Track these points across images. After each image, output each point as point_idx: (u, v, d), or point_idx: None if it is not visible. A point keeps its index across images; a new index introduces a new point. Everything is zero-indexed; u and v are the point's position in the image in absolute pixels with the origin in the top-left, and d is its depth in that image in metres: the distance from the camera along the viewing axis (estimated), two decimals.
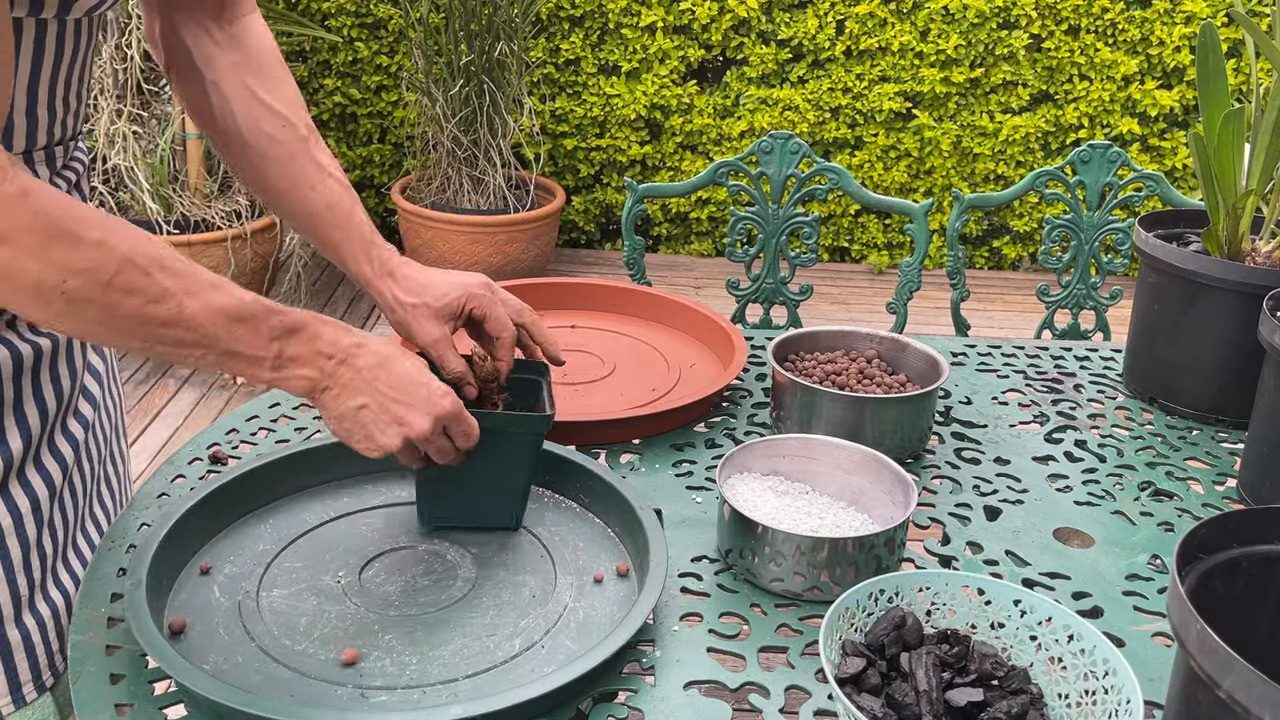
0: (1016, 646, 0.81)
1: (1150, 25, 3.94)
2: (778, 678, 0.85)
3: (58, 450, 0.92)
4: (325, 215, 1.00)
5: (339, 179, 1.00)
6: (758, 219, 1.93)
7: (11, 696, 0.89)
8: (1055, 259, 1.94)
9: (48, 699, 0.91)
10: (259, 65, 0.99)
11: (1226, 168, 1.25)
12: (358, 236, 1.00)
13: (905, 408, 1.16)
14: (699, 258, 4.38)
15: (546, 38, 4.06)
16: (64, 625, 0.92)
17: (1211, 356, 1.30)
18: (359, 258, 1.00)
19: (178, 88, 1.01)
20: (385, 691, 0.80)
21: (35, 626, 0.89)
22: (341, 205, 1.00)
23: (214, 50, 0.97)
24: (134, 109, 3.15)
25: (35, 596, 0.90)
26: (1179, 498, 1.16)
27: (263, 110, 0.98)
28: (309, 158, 0.99)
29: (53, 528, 0.91)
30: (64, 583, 0.93)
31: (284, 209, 1.01)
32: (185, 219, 3.14)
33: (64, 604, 0.92)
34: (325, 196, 0.99)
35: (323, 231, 1.00)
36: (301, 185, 0.99)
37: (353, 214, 1.00)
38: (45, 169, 0.87)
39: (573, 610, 0.90)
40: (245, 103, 0.98)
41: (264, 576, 0.93)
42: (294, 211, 1.00)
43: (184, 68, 0.99)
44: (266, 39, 1.01)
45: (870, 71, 4.05)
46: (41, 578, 0.90)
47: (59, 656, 0.92)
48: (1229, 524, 0.75)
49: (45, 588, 0.91)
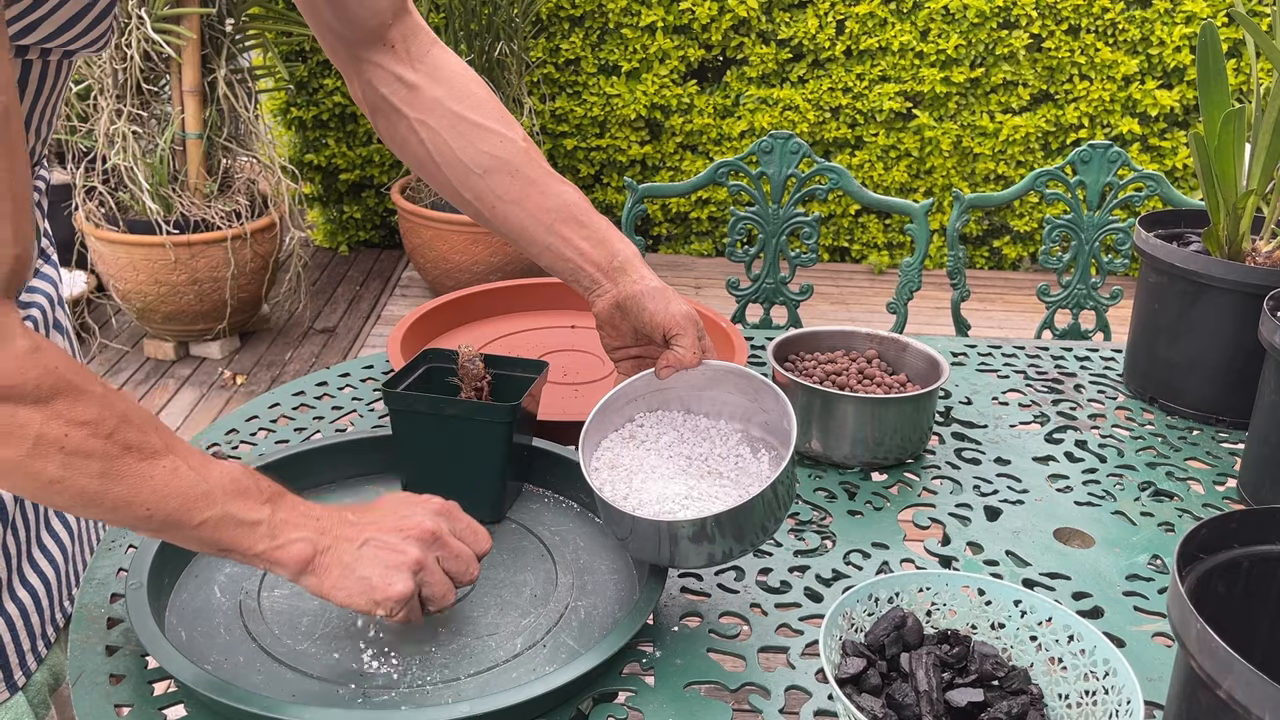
0: (1017, 647, 0.81)
1: (1150, 25, 3.94)
2: (778, 678, 0.85)
3: None
4: (564, 211, 0.97)
5: (570, 184, 0.99)
6: (758, 219, 1.93)
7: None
8: (1055, 259, 1.94)
9: (20, 698, 0.91)
10: (461, 91, 0.99)
11: (1227, 168, 1.25)
12: (599, 228, 0.97)
13: (905, 408, 1.16)
14: (699, 258, 4.38)
15: (546, 38, 4.06)
16: (34, 624, 0.93)
17: (1212, 356, 1.30)
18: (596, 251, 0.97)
19: (385, 135, 1.01)
20: (386, 691, 0.80)
21: (4, 626, 0.90)
22: (581, 203, 0.98)
23: (410, 93, 0.98)
24: (134, 109, 3.15)
25: (2, 596, 0.90)
26: (1179, 498, 1.16)
27: (476, 130, 0.97)
28: (536, 165, 0.98)
29: (15, 528, 0.91)
30: (31, 581, 0.93)
31: (515, 219, 0.98)
32: (185, 219, 3.14)
33: (32, 603, 0.93)
34: (563, 197, 0.98)
35: (560, 230, 0.97)
36: (533, 193, 0.97)
37: (592, 210, 0.98)
38: None
39: (573, 610, 0.90)
40: (457, 128, 0.97)
41: (264, 576, 0.93)
42: (525, 219, 0.98)
43: (387, 115, 0.99)
44: (458, 65, 1.01)
45: (870, 71, 4.06)
46: (7, 578, 0.90)
47: (31, 655, 0.92)
48: (1229, 524, 0.75)
49: (12, 587, 0.91)
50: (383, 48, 0.97)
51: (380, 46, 0.97)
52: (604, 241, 0.97)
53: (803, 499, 1.11)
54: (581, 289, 0.98)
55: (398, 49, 0.98)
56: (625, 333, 0.98)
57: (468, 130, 0.97)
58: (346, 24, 0.95)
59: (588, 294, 0.98)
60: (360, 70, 0.98)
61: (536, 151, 0.99)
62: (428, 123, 0.98)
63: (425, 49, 0.99)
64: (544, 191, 0.97)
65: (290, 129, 4.15)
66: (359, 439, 1.08)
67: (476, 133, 0.97)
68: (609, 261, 0.96)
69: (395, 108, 0.98)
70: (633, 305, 0.95)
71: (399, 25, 0.98)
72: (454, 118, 0.97)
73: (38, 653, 0.93)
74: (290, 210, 3.38)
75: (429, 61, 0.99)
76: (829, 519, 1.08)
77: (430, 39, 1.00)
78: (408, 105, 0.98)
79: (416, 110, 0.98)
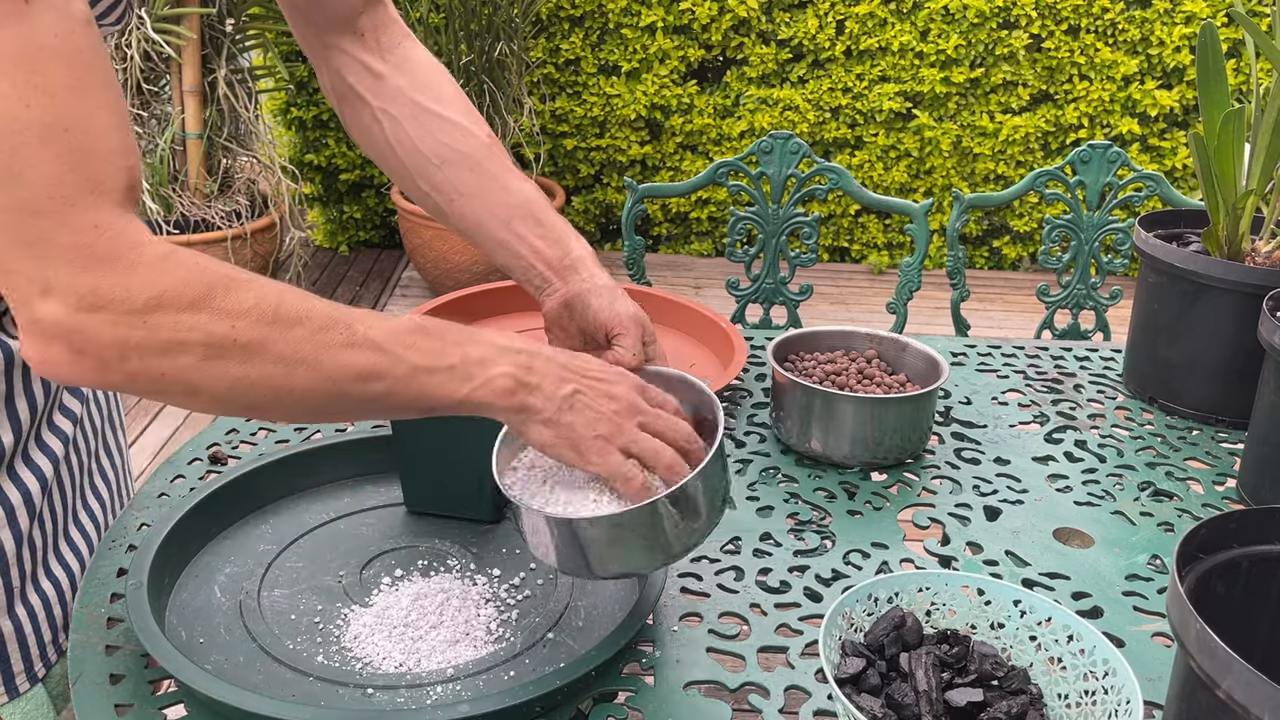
0: (1016, 647, 0.81)
1: (1150, 25, 3.94)
2: (777, 678, 0.85)
3: (46, 444, 0.92)
4: (523, 209, 0.95)
5: (530, 181, 0.98)
6: (758, 219, 1.93)
7: (4, 688, 0.90)
8: (1055, 259, 1.94)
9: (40, 690, 0.92)
10: (425, 82, 0.98)
11: (1226, 168, 1.25)
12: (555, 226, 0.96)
13: (905, 408, 1.16)
14: (699, 258, 4.38)
15: (546, 38, 4.06)
16: (56, 616, 0.93)
17: (1211, 356, 1.30)
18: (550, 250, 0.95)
19: (350, 125, 1.01)
20: (386, 691, 0.81)
21: (27, 618, 0.90)
22: (539, 200, 0.97)
23: (376, 81, 0.97)
24: (134, 109, 3.15)
25: (26, 588, 0.90)
26: (1179, 498, 1.16)
27: (437, 121, 0.97)
28: (496, 161, 0.97)
29: (42, 520, 0.92)
30: (55, 574, 0.94)
31: (471, 214, 0.97)
32: (185, 219, 3.14)
33: (55, 595, 0.93)
34: (523, 194, 0.96)
35: (516, 228, 0.95)
36: (493, 188, 0.96)
37: (550, 209, 0.97)
38: None
39: (573, 610, 0.90)
40: (418, 119, 0.97)
41: (264, 576, 0.93)
42: (482, 214, 0.96)
43: (352, 103, 0.99)
44: (428, 60, 1.00)
45: (870, 71, 4.06)
46: (33, 569, 0.91)
47: (51, 648, 0.93)
48: (1229, 524, 0.75)
49: (36, 579, 0.91)
50: (352, 35, 0.97)
51: (349, 34, 0.97)
52: (559, 240, 0.95)
53: (802, 499, 1.11)
54: (533, 288, 0.96)
55: (367, 38, 0.97)
56: (572, 334, 0.96)
57: (428, 121, 0.97)
58: (317, 8, 0.95)
59: (538, 293, 0.96)
60: (329, 58, 0.98)
61: (500, 148, 0.98)
62: (389, 111, 0.97)
63: (396, 41, 0.99)
64: (504, 187, 0.96)
65: (290, 129, 4.15)
66: (359, 439, 1.08)
67: (437, 123, 0.97)
68: (561, 260, 0.94)
69: (360, 95, 0.98)
70: (579, 303, 0.93)
71: (370, 14, 0.97)
72: (415, 107, 0.97)
73: (58, 645, 0.94)
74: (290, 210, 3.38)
75: (398, 54, 0.99)
76: (829, 519, 1.08)
77: (403, 33, 1.00)
78: (371, 94, 0.97)
79: (379, 99, 0.97)
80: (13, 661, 0.90)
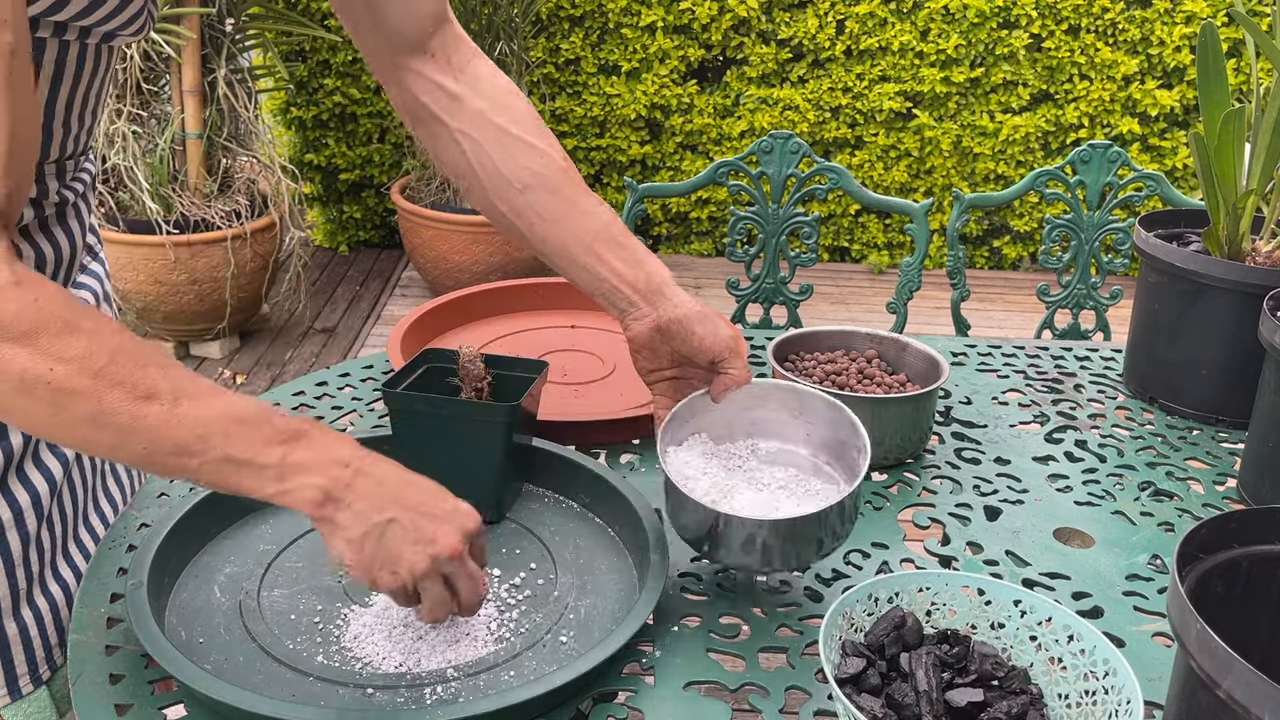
0: (1016, 647, 0.81)
1: (1150, 25, 3.94)
2: (778, 678, 0.85)
3: (56, 448, 0.92)
4: (603, 232, 0.97)
5: (605, 203, 0.99)
6: (758, 219, 1.93)
7: (8, 689, 0.90)
8: (1055, 259, 1.94)
9: (44, 692, 0.92)
10: (503, 104, 0.99)
11: (1226, 168, 1.25)
12: (636, 249, 0.98)
13: (905, 408, 1.16)
14: (699, 258, 4.38)
15: (546, 37, 4.06)
16: (62, 619, 0.93)
17: (1211, 356, 1.30)
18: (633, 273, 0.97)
19: (427, 144, 1.01)
20: (386, 691, 0.81)
21: (33, 620, 0.90)
22: (617, 224, 0.98)
23: (452, 102, 0.98)
24: (134, 109, 3.15)
25: (33, 590, 0.90)
26: (1179, 498, 1.16)
27: (518, 145, 0.98)
28: (575, 185, 0.98)
29: (51, 523, 0.92)
30: (64, 576, 0.94)
31: (555, 238, 0.98)
32: (185, 219, 3.14)
33: (62, 598, 0.93)
34: (601, 217, 0.98)
35: (598, 251, 0.97)
36: (574, 213, 0.97)
37: (628, 231, 0.99)
38: (55, 181, 0.88)
39: (573, 610, 0.90)
40: (500, 142, 0.97)
41: (264, 576, 0.93)
42: (565, 238, 0.98)
43: (428, 124, 0.99)
44: (500, 78, 1.01)
45: (870, 71, 4.06)
46: (40, 571, 0.91)
47: (56, 650, 0.93)
48: (1229, 524, 0.75)
49: (44, 581, 0.92)
50: (423, 56, 0.98)
51: (421, 55, 0.97)
52: (640, 263, 0.97)
53: None
54: (617, 310, 0.98)
55: (438, 58, 0.98)
56: (664, 355, 0.98)
57: (509, 144, 0.97)
58: (389, 32, 0.96)
59: (624, 316, 0.98)
60: (400, 78, 0.99)
61: (574, 169, 1.00)
62: (470, 134, 0.98)
63: (466, 59, 0.99)
64: (584, 211, 0.97)
65: (290, 129, 4.15)
66: (359, 439, 1.08)
67: (518, 147, 0.97)
68: (645, 284, 0.97)
69: (436, 116, 0.98)
70: (679, 330, 0.96)
71: (440, 35, 0.98)
72: (497, 131, 0.97)
73: (64, 648, 0.94)
74: (290, 210, 3.38)
75: (470, 72, 0.99)
76: None
77: (471, 50, 1.00)
78: (449, 115, 0.98)
79: (458, 121, 0.98)
80: (17, 664, 0.90)
